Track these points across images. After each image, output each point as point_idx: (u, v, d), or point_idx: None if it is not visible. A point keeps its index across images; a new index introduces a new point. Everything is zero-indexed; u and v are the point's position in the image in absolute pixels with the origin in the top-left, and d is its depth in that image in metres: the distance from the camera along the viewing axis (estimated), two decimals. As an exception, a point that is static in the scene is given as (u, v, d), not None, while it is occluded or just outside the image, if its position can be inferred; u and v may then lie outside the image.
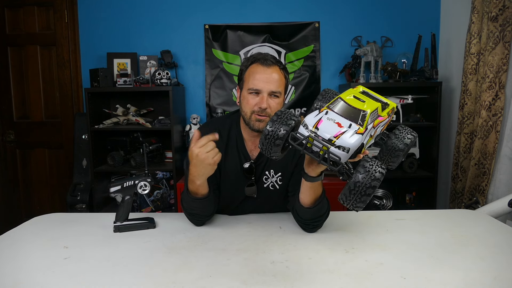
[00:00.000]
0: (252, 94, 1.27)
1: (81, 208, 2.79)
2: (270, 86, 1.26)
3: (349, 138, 0.79)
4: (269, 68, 1.27)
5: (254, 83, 1.26)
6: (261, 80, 1.26)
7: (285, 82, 1.32)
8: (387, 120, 0.89)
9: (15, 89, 3.03)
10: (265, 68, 1.27)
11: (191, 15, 2.93)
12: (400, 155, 0.94)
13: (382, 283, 0.88)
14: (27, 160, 3.10)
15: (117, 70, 2.85)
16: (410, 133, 0.94)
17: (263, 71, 1.26)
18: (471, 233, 1.20)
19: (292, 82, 2.97)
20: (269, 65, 1.27)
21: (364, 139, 0.82)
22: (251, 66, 1.30)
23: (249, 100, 1.27)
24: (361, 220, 1.32)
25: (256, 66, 1.28)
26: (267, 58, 1.28)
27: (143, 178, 1.26)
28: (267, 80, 1.26)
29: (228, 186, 1.36)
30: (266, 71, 1.26)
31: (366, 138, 0.82)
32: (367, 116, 0.81)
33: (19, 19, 2.97)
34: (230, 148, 1.36)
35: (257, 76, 1.26)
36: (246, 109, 1.29)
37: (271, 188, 1.36)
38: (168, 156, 2.88)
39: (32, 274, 0.95)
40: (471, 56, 2.23)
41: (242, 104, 1.31)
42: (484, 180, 2.13)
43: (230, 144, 1.36)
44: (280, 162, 1.28)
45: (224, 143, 1.35)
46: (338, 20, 2.92)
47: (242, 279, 0.90)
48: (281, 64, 1.31)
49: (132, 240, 1.16)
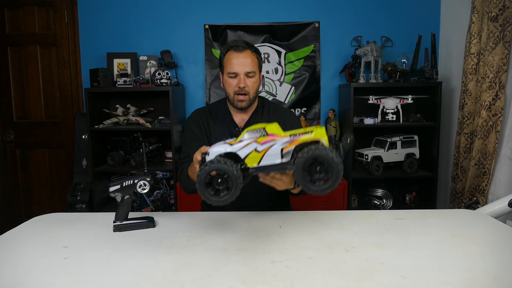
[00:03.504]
0: (231, 77, 1.49)
1: (81, 208, 2.79)
2: (244, 68, 1.47)
3: (213, 146, 1.05)
4: (242, 52, 1.48)
5: (232, 67, 1.48)
6: (236, 64, 1.47)
7: (257, 62, 1.52)
8: (288, 139, 1.00)
9: (15, 89, 3.03)
10: (238, 54, 1.47)
11: (191, 15, 2.93)
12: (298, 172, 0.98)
13: (382, 283, 0.88)
14: (27, 160, 3.10)
15: (117, 70, 2.85)
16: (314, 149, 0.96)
17: (237, 56, 1.47)
18: (471, 233, 1.19)
19: (292, 82, 2.97)
20: (241, 50, 1.48)
21: (236, 149, 1.02)
22: (227, 53, 1.50)
23: (230, 82, 1.50)
24: (361, 220, 1.32)
25: (231, 53, 1.49)
26: (239, 45, 1.49)
27: (143, 177, 1.26)
28: (241, 64, 1.47)
29: None
30: (239, 55, 1.47)
31: (243, 148, 1.01)
32: (242, 133, 1.04)
33: (19, 19, 2.97)
34: (218, 120, 1.59)
35: (233, 61, 1.47)
36: (229, 91, 1.51)
37: None
38: (168, 156, 2.88)
39: (32, 274, 0.95)
40: (471, 56, 2.23)
41: (225, 86, 1.53)
42: (484, 180, 2.13)
43: (218, 117, 1.60)
44: None
45: (213, 116, 1.60)
46: (338, 20, 2.92)
47: (242, 279, 0.90)
48: (252, 47, 1.51)
49: (132, 240, 1.16)
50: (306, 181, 0.97)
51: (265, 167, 1.02)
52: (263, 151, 1.01)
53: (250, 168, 1.03)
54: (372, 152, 2.64)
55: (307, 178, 0.97)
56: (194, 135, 1.57)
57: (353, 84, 2.59)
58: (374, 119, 2.63)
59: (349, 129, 2.63)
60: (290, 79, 2.97)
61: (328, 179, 0.96)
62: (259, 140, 1.02)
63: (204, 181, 1.00)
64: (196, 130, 1.58)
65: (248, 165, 1.03)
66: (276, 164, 1.01)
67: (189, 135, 1.60)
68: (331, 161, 0.93)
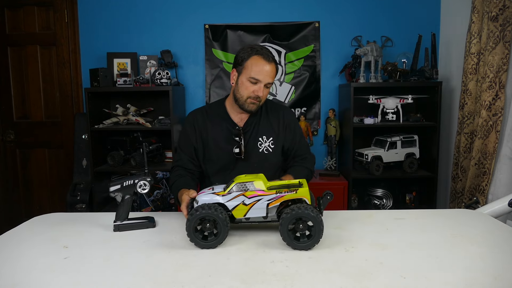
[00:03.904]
0: (251, 82, 1.46)
1: (81, 208, 2.79)
2: (268, 79, 1.47)
3: (202, 194, 1.13)
4: (269, 63, 1.46)
5: (257, 74, 1.45)
6: (262, 72, 1.45)
7: (276, 75, 1.54)
8: (275, 196, 1.10)
9: (15, 89, 3.03)
10: (266, 63, 1.45)
11: (191, 15, 2.93)
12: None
13: (382, 283, 0.88)
14: (27, 160, 3.10)
15: (117, 70, 2.85)
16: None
17: (265, 64, 1.45)
18: (471, 233, 1.19)
19: (292, 82, 2.97)
20: (270, 61, 1.47)
21: (225, 200, 1.10)
22: (254, 56, 1.46)
23: (248, 86, 1.47)
24: (361, 220, 1.32)
25: (259, 58, 1.45)
26: (269, 55, 1.47)
27: (143, 177, 1.26)
28: (267, 74, 1.46)
29: (219, 153, 1.55)
30: (267, 65, 1.46)
31: (231, 200, 1.10)
32: (231, 185, 1.12)
33: (19, 19, 2.97)
34: (216, 120, 1.59)
35: (259, 68, 1.45)
36: (243, 93, 1.49)
37: (265, 152, 1.58)
38: (168, 156, 2.87)
39: (32, 274, 0.95)
40: (471, 56, 2.23)
41: (239, 87, 1.50)
42: (484, 180, 2.13)
43: (216, 118, 1.59)
44: (270, 130, 1.59)
45: (210, 117, 1.60)
46: (338, 19, 2.92)
47: (242, 279, 0.90)
48: (275, 61, 1.52)
49: (132, 239, 1.17)
50: (291, 239, 1.06)
51: (251, 219, 1.14)
52: (250, 204, 1.10)
53: (236, 219, 1.13)
54: (372, 152, 2.64)
55: (291, 236, 1.06)
56: (188, 140, 1.59)
57: (353, 84, 2.59)
58: (374, 119, 2.63)
59: (349, 129, 2.62)
60: (290, 79, 2.97)
61: (311, 235, 1.06)
62: (247, 194, 1.10)
63: (194, 225, 1.07)
64: (190, 133, 1.59)
65: (235, 216, 1.12)
66: (261, 218, 1.13)
67: (183, 139, 1.62)
68: (313, 219, 1.04)
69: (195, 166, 1.59)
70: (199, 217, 1.06)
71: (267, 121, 1.61)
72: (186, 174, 1.55)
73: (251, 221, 1.14)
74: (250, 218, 1.13)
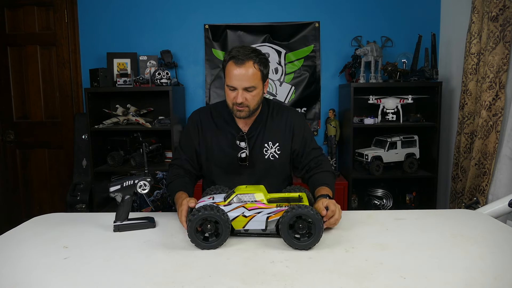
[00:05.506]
0: (230, 89, 1.39)
1: (81, 208, 2.79)
2: (243, 83, 1.36)
3: (202, 203, 1.15)
4: (242, 66, 1.34)
5: (230, 81, 1.37)
6: (234, 78, 1.36)
7: (260, 74, 1.38)
8: (275, 210, 1.11)
9: (15, 89, 3.03)
10: (238, 67, 1.34)
11: (191, 15, 2.93)
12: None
13: (382, 283, 0.88)
14: (27, 160, 3.10)
15: (117, 70, 2.85)
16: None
17: (235, 69, 1.35)
18: (471, 233, 1.19)
19: (292, 82, 2.97)
20: (241, 63, 1.34)
21: (226, 211, 1.10)
22: (228, 63, 1.38)
23: (229, 94, 1.41)
24: (361, 220, 1.32)
25: (231, 63, 1.36)
26: (239, 56, 1.35)
27: (143, 177, 1.26)
28: (240, 78, 1.35)
29: (223, 157, 1.51)
30: (239, 69, 1.34)
31: (231, 211, 1.11)
32: (231, 196, 1.13)
33: (19, 19, 2.97)
34: (220, 123, 1.52)
35: (231, 74, 1.36)
36: (228, 101, 1.43)
37: (271, 158, 1.51)
38: (168, 156, 2.87)
39: (32, 274, 0.95)
40: (471, 56, 2.23)
41: (225, 95, 1.44)
42: (484, 180, 2.13)
43: (221, 121, 1.53)
44: (276, 135, 1.51)
45: (215, 119, 1.53)
46: (338, 20, 2.92)
47: (242, 279, 0.90)
48: (255, 57, 1.36)
49: (132, 240, 1.16)
50: (291, 238, 1.07)
51: (250, 231, 1.15)
52: (250, 216, 1.11)
53: (235, 230, 1.13)
54: (372, 152, 2.64)
55: (291, 235, 1.07)
56: (190, 141, 1.54)
57: (353, 84, 2.59)
58: (374, 119, 2.63)
59: (349, 129, 2.62)
60: (290, 79, 2.97)
61: (311, 234, 1.06)
62: (247, 206, 1.11)
63: (195, 226, 1.07)
64: (193, 133, 1.54)
65: (234, 227, 1.12)
66: (260, 230, 1.13)
67: (185, 138, 1.57)
68: (313, 217, 1.05)
69: (193, 168, 1.55)
70: (201, 217, 1.06)
71: (273, 126, 1.52)
72: (184, 175, 1.50)
73: (249, 232, 1.15)
74: (249, 230, 1.13)
